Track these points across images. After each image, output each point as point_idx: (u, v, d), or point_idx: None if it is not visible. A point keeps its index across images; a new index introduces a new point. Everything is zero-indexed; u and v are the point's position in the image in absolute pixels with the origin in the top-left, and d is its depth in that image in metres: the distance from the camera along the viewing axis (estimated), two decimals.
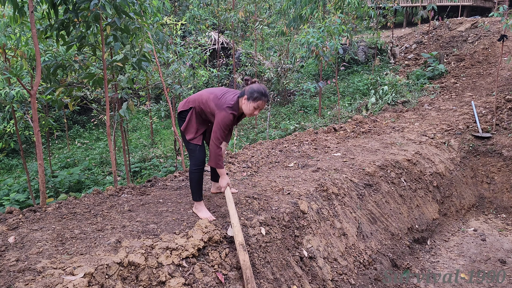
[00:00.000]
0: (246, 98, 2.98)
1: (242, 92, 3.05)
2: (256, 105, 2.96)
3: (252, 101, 2.95)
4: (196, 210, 3.26)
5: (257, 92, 2.94)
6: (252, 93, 2.95)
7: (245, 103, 3.00)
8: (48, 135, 8.33)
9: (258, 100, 2.95)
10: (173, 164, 8.12)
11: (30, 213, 3.22)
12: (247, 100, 2.98)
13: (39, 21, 4.34)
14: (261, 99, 2.95)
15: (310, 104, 11.37)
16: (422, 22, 16.18)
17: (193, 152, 3.19)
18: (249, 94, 2.96)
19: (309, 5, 9.71)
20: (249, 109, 2.99)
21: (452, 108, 8.48)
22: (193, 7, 10.98)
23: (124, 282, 2.31)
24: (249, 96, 2.96)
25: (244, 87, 3.07)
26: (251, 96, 2.95)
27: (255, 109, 2.98)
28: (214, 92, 3.13)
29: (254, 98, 2.94)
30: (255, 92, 2.94)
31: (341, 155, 5.51)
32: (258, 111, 3.01)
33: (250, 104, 2.97)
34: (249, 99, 2.96)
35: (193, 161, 3.19)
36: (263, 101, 2.97)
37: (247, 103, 2.98)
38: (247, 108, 3.00)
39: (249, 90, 2.98)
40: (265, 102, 2.99)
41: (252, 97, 2.94)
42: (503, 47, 8.09)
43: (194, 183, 3.21)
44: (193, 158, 3.19)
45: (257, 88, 2.96)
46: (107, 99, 4.41)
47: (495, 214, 5.97)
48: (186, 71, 7.14)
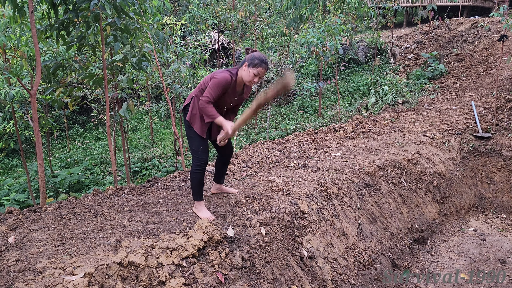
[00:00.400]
0: (246, 65, 2.97)
1: (242, 62, 3.04)
2: (256, 71, 2.94)
3: (252, 67, 2.94)
4: (196, 210, 3.26)
5: (258, 59, 2.93)
6: (253, 59, 2.93)
7: (245, 69, 2.98)
8: (48, 135, 8.33)
9: (258, 66, 2.93)
10: (173, 164, 8.12)
11: (30, 213, 3.22)
12: (247, 66, 2.96)
13: (39, 21, 4.34)
14: (261, 66, 2.94)
15: (310, 104, 11.37)
16: (422, 22, 16.18)
17: (195, 152, 3.18)
18: (249, 61, 2.95)
19: (309, 5, 9.71)
20: (249, 75, 2.97)
21: (452, 108, 8.48)
22: (193, 7, 10.98)
23: (124, 282, 2.31)
24: (249, 62, 2.95)
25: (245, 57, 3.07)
26: (252, 62, 2.93)
27: (255, 75, 2.95)
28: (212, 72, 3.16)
29: (255, 65, 2.93)
30: (255, 59, 2.93)
31: (341, 155, 5.51)
32: (258, 78, 2.99)
33: (250, 71, 2.95)
34: (249, 65, 2.95)
35: (195, 161, 3.18)
36: (263, 68, 2.95)
37: (247, 69, 2.96)
38: (247, 75, 2.98)
39: (249, 57, 2.96)
40: (265, 69, 2.98)
41: (253, 64, 2.93)
42: (503, 47, 8.09)
43: (195, 183, 3.20)
44: (196, 158, 3.18)
45: (258, 55, 2.95)
46: (107, 99, 4.41)
47: (495, 214, 5.97)
48: (186, 71, 7.14)
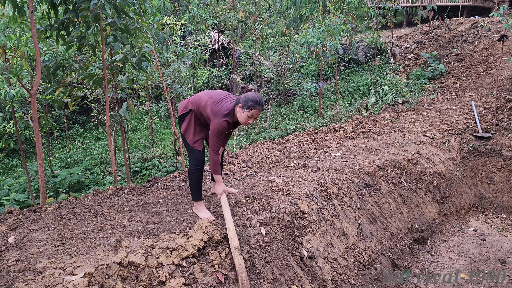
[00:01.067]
0: (240, 106, 2.97)
1: (237, 100, 3.04)
2: (250, 113, 2.95)
3: (246, 109, 2.94)
4: (196, 210, 3.26)
5: (252, 101, 2.92)
6: (247, 101, 2.93)
7: (240, 111, 2.99)
8: (48, 135, 8.33)
9: (252, 108, 2.93)
10: (173, 164, 8.12)
11: (30, 213, 3.22)
12: (241, 108, 2.97)
13: (39, 21, 4.34)
14: (255, 108, 2.94)
15: (310, 104, 11.37)
16: (422, 22, 16.17)
17: (192, 152, 3.21)
18: (243, 103, 2.95)
19: (309, 5, 9.71)
20: (243, 117, 2.98)
21: (452, 108, 8.48)
22: (193, 7, 10.98)
23: (124, 282, 2.31)
24: (243, 104, 2.95)
25: (240, 96, 3.07)
26: (246, 104, 2.93)
27: (249, 117, 2.97)
28: (213, 97, 3.12)
29: (249, 107, 2.93)
30: (249, 101, 2.93)
31: (341, 155, 5.51)
32: (253, 119, 3.01)
33: (244, 113, 2.96)
34: (243, 107, 2.95)
35: (192, 161, 3.21)
36: (257, 110, 2.95)
37: (241, 111, 2.97)
38: (241, 117, 2.99)
39: (244, 98, 2.97)
40: (259, 111, 2.98)
41: (247, 106, 2.93)
42: (503, 47, 8.09)
43: (193, 183, 3.22)
44: (193, 158, 3.21)
45: (252, 97, 2.94)
46: (107, 99, 4.41)
47: (495, 214, 5.97)
48: (186, 71, 7.14)
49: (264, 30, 11.31)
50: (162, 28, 5.84)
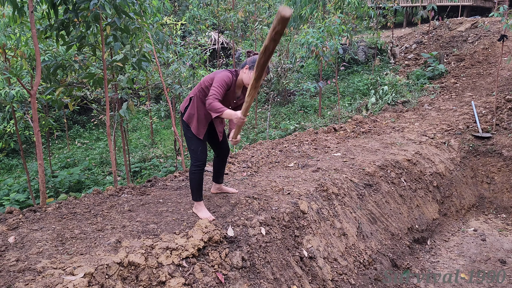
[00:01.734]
0: (247, 67, 2.98)
1: (242, 64, 3.05)
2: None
3: (253, 69, 2.94)
4: (196, 210, 3.26)
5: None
6: (254, 62, 2.92)
7: (246, 72, 2.99)
8: (48, 135, 8.33)
9: None
10: (173, 164, 8.12)
11: (30, 213, 3.22)
12: (248, 69, 2.97)
13: (39, 21, 4.34)
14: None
15: (310, 104, 11.37)
16: (422, 22, 16.18)
17: (194, 153, 3.20)
18: (250, 64, 2.95)
19: (309, 5, 9.71)
20: (250, 78, 2.96)
21: (452, 108, 8.48)
22: (193, 7, 10.98)
23: (124, 282, 2.31)
24: (250, 65, 2.95)
25: (246, 60, 3.07)
26: (253, 65, 2.91)
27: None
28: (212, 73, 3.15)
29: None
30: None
31: (341, 155, 5.51)
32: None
33: (252, 73, 2.93)
34: (250, 68, 2.95)
35: (194, 161, 3.19)
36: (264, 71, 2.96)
37: (248, 72, 2.97)
38: (247, 77, 2.98)
39: (251, 60, 2.97)
40: (266, 72, 2.96)
41: (254, 66, 2.93)
42: (503, 47, 8.09)
43: (194, 183, 3.22)
44: (194, 158, 3.19)
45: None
46: (107, 99, 4.41)
47: (495, 214, 5.97)
48: (186, 71, 7.14)
49: (264, 30, 11.30)
50: (162, 28, 5.84)
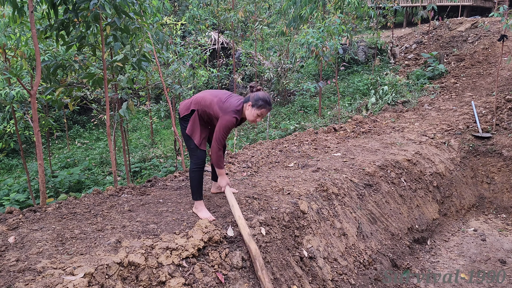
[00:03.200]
0: (250, 104, 3.08)
1: (246, 98, 3.13)
2: (260, 112, 3.06)
3: (256, 108, 3.05)
4: (196, 210, 3.27)
5: (262, 100, 3.04)
6: (257, 100, 3.04)
7: (249, 109, 3.09)
8: (48, 135, 8.33)
9: (262, 108, 3.04)
10: (173, 164, 8.12)
11: (30, 213, 3.22)
12: (251, 106, 3.07)
13: (39, 21, 4.34)
14: (265, 107, 3.05)
15: (310, 104, 11.37)
16: (422, 22, 16.18)
17: (194, 152, 3.24)
18: (254, 101, 3.05)
19: (309, 5, 9.70)
20: (252, 116, 3.08)
21: (452, 108, 8.48)
22: (192, 7, 10.98)
23: (124, 282, 2.31)
24: (254, 103, 3.05)
25: (249, 94, 3.15)
26: (256, 103, 3.04)
27: (258, 116, 3.08)
28: (218, 96, 3.19)
29: (259, 106, 3.04)
30: (260, 100, 3.04)
31: (341, 155, 5.51)
32: (260, 118, 3.12)
33: (254, 111, 3.06)
34: (253, 106, 3.06)
35: (194, 160, 3.24)
36: (266, 109, 3.07)
37: (251, 109, 3.07)
38: (250, 114, 3.09)
39: (254, 97, 3.07)
40: (268, 110, 3.11)
41: (257, 105, 3.04)
42: (503, 47, 8.09)
43: (194, 182, 3.25)
44: (194, 157, 3.24)
45: (262, 96, 3.06)
46: (107, 99, 4.41)
47: (495, 214, 5.97)
48: (186, 71, 7.14)
49: (264, 30, 11.31)
50: (162, 28, 5.84)
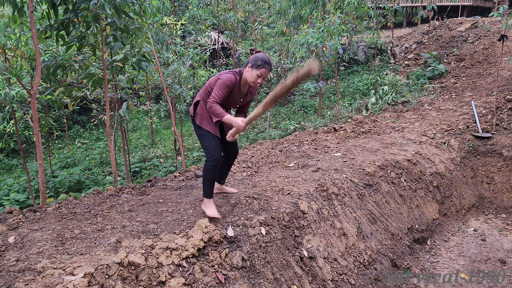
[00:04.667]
0: (250, 66, 3.04)
1: (245, 63, 3.10)
2: (260, 72, 3.01)
3: (255, 68, 3.01)
4: (205, 207, 3.22)
5: (261, 60, 2.99)
6: (256, 60, 3.00)
7: (249, 71, 3.05)
8: (48, 135, 8.33)
9: (261, 67, 3.00)
10: (173, 164, 8.12)
11: (30, 213, 3.22)
12: (250, 68, 3.03)
13: (39, 21, 4.34)
14: (264, 67, 3.00)
15: (310, 104, 11.37)
16: (422, 22, 16.18)
17: (208, 149, 3.17)
18: (252, 62, 3.02)
19: (309, 5, 9.70)
20: (252, 77, 3.03)
21: (452, 108, 8.48)
22: (192, 7, 10.98)
23: (124, 282, 2.31)
24: (253, 64, 3.01)
25: (248, 58, 3.12)
26: (255, 63, 3.00)
27: (258, 76, 3.03)
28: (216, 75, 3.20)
29: (258, 66, 2.99)
30: (258, 60, 3.00)
31: (341, 155, 5.51)
32: (261, 79, 3.06)
33: (254, 72, 3.02)
34: (252, 66, 3.02)
35: (208, 157, 3.16)
36: (266, 69, 3.02)
37: (251, 70, 3.03)
38: (250, 76, 3.04)
39: (253, 58, 3.03)
40: (268, 70, 3.04)
41: (256, 65, 3.00)
42: (503, 47, 8.09)
43: (207, 179, 3.18)
44: (209, 154, 3.16)
45: (261, 56, 3.02)
46: (107, 99, 4.41)
47: (495, 214, 5.97)
48: (186, 71, 7.14)
49: (264, 30, 11.30)
50: (162, 28, 5.84)
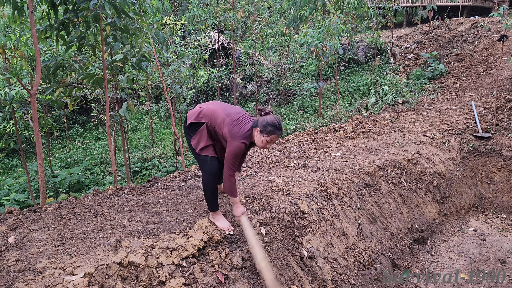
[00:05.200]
0: (259, 130, 2.86)
1: (255, 122, 2.92)
2: (269, 139, 2.85)
3: (265, 134, 2.84)
4: (214, 219, 3.10)
5: (271, 126, 2.82)
6: (266, 126, 2.82)
7: (258, 135, 2.88)
8: (48, 135, 8.33)
9: (271, 134, 2.83)
10: (173, 164, 8.12)
11: (30, 213, 3.22)
12: (260, 133, 2.86)
13: (39, 21, 4.34)
14: (274, 133, 2.84)
15: (310, 104, 11.37)
16: (422, 22, 16.18)
17: (204, 163, 3.04)
18: (262, 127, 2.83)
19: (309, 5, 9.70)
20: (261, 142, 2.87)
21: (452, 108, 8.48)
22: (192, 7, 10.98)
23: (124, 282, 2.31)
24: (262, 129, 2.83)
25: (258, 118, 2.93)
26: (265, 129, 2.82)
27: (267, 142, 2.87)
28: (231, 115, 2.97)
29: (268, 132, 2.83)
30: (268, 126, 2.82)
31: (341, 155, 5.51)
32: (270, 144, 2.92)
33: (263, 138, 2.85)
34: (262, 132, 2.84)
35: (205, 172, 3.03)
36: (276, 135, 2.86)
37: (260, 136, 2.86)
38: (259, 141, 2.88)
39: (263, 122, 2.84)
40: (278, 136, 2.87)
41: (266, 131, 2.83)
42: (503, 47, 8.09)
43: (209, 194, 3.04)
44: (205, 169, 3.04)
45: (271, 121, 2.83)
46: (107, 99, 4.41)
47: (495, 214, 5.97)
48: (186, 71, 7.14)
49: (264, 30, 11.30)
50: (162, 28, 5.84)
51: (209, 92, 14.27)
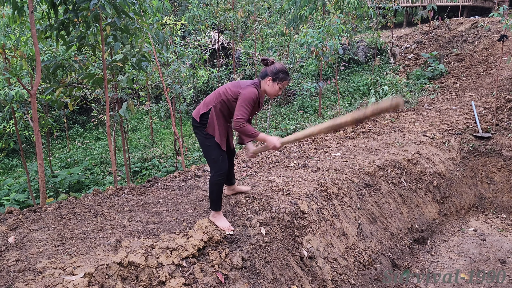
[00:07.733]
0: (270, 79, 2.92)
1: (263, 73, 2.97)
2: (282, 85, 2.94)
3: (278, 81, 2.92)
4: (215, 219, 3.09)
5: (282, 72, 2.91)
6: (277, 73, 2.91)
7: (270, 84, 2.94)
8: (48, 135, 8.33)
9: (283, 80, 2.92)
10: (173, 164, 8.12)
11: (30, 213, 3.22)
12: (272, 81, 2.93)
13: (39, 21, 4.34)
14: (286, 79, 2.93)
15: (310, 104, 11.37)
16: (422, 22, 16.18)
17: (215, 162, 3.00)
18: (274, 75, 2.91)
19: (309, 5, 9.70)
20: (274, 90, 2.94)
21: (452, 108, 8.48)
22: (192, 7, 10.97)
23: (124, 282, 2.31)
24: (274, 77, 2.91)
25: (264, 68, 2.98)
26: (277, 77, 2.91)
27: (280, 89, 2.96)
28: (230, 83, 3.04)
29: (281, 79, 2.92)
30: (280, 73, 2.91)
31: (341, 155, 5.51)
32: (281, 91, 3.00)
33: (276, 85, 2.93)
34: (275, 80, 2.92)
35: (215, 171, 3.00)
36: (288, 81, 2.96)
37: (273, 84, 2.93)
38: (272, 89, 2.95)
39: (273, 70, 2.92)
40: (288, 81, 2.99)
41: (278, 78, 2.91)
42: (503, 47, 8.09)
43: (215, 194, 3.03)
44: (216, 168, 3.00)
45: (281, 68, 2.93)
46: (107, 99, 4.41)
47: (495, 214, 5.97)
48: (186, 71, 7.14)
49: (264, 30, 11.29)
50: (162, 28, 5.84)
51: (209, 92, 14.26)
